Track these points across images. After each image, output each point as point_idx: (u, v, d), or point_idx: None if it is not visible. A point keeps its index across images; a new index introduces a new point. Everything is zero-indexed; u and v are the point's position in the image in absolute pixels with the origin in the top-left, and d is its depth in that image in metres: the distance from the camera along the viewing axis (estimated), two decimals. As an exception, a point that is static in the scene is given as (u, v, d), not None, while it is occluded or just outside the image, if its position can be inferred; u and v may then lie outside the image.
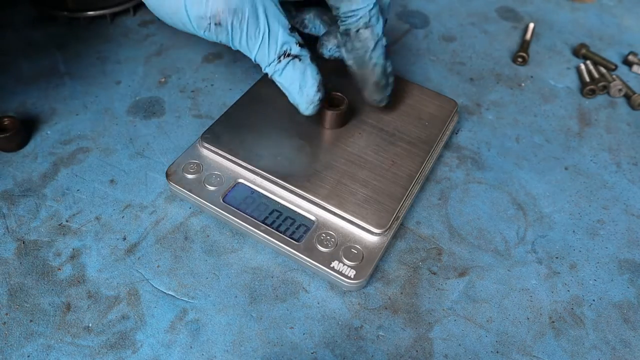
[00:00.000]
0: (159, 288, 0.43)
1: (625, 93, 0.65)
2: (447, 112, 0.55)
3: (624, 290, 0.46)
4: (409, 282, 0.45)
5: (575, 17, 0.78)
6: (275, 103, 0.53)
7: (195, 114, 0.58)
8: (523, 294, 0.45)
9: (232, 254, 0.46)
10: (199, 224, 0.48)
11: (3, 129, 0.51)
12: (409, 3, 0.78)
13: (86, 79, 0.61)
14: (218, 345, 0.40)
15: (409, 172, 0.48)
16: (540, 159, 0.57)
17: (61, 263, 0.44)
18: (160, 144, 0.55)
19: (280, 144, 0.49)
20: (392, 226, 0.45)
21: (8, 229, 0.46)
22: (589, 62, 0.68)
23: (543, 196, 0.53)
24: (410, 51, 0.69)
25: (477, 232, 0.49)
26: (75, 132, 0.55)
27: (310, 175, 0.47)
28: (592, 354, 0.42)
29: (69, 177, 0.51)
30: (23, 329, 0.40)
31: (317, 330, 0.42)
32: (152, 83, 0.61)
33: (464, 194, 0.52)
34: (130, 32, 0.68)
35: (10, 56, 0.62)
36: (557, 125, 0.61)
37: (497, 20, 0.76)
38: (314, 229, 0.45)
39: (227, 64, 0.65)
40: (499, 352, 0.41)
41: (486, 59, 0.69)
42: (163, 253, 0.46)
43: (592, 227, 0.51)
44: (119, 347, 0.40)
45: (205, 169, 0.48)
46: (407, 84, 0.57)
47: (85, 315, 0.41)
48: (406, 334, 0.42)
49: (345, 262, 0.43)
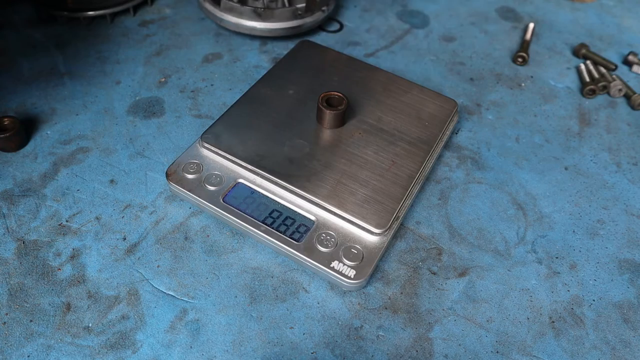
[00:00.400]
0: (159, 288, 0.43)
1: (625, 93, 0.65)
2: (447, 112, 0.55)
3: (624, 290, 0.46)
4: (409, 282, 0.45)
5: (575, 17, 0.78)
6: (275, 103, 0.53)
7: (195, 114, 0.58)
8: (523, 294, 0.45)
9: (232, 254, 0.46)
10: (199, 224, 0.48)
11: (3, 129, 0.51)
12: (409, 3, 0.78)
13: (86, 79, 0.61)
14: (218, 345, 0.40)
15: (409, 172, 0.48)
16: (540, 159, 0.57)
17: (61, 263, 0.44)
18: (160, 144, 0.55)
19: (280, 144, 0.49)
20: (392, 226, 0.45)
21: (8, 229, 0.46)
22: (589, 62, 0.68)
23: (543, 196, 0.53)
24: (410, 51, 0.69)
25: (477, 232, 0.49)
26: (75, 132, 0.55)
27: (310, 175, 0.47)
28: (592, 354, 0.42)
29: (69, 177, 0.51)
30: (23, 329, 0.40)
31: (317, 330, 0.42)
32: (152, 83, 0.61)
33: (464, 194, 0.52)
34: (130, 32, 0.68)
35: (10, 56, 0.62)
36: (557, 125, 0.61)
37: (497, 20, 0.76)
38: (314, 229, 0.45)
39: (227, 64, 0.65)
40: (499, 352, 0.41)
41: (486, 59, 0.69)
42: (163, 253, 0.46)
43: (592, 227, 0.51)
44: (119, 347, 0.40)
45: (205, 169, 0.48)
46: (407, 84, 0.57)
47: (85, 315, 0.41)
48: (406, 334, 0.42)
49: (345, 262, 0.43)
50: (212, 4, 0.67)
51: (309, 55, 0.60)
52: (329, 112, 0.50)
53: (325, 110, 0.50)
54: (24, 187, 0.49)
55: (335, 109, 0.50)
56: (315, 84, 0.56)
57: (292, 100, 0.54)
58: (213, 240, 0.47)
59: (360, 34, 0.71)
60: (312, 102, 0.53)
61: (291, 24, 0.66)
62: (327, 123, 0.51)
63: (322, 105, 0.50)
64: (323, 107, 0.50)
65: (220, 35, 0.69)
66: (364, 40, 0.70)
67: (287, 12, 0.65)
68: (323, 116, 0.50)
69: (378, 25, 0.73)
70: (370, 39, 0.71)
